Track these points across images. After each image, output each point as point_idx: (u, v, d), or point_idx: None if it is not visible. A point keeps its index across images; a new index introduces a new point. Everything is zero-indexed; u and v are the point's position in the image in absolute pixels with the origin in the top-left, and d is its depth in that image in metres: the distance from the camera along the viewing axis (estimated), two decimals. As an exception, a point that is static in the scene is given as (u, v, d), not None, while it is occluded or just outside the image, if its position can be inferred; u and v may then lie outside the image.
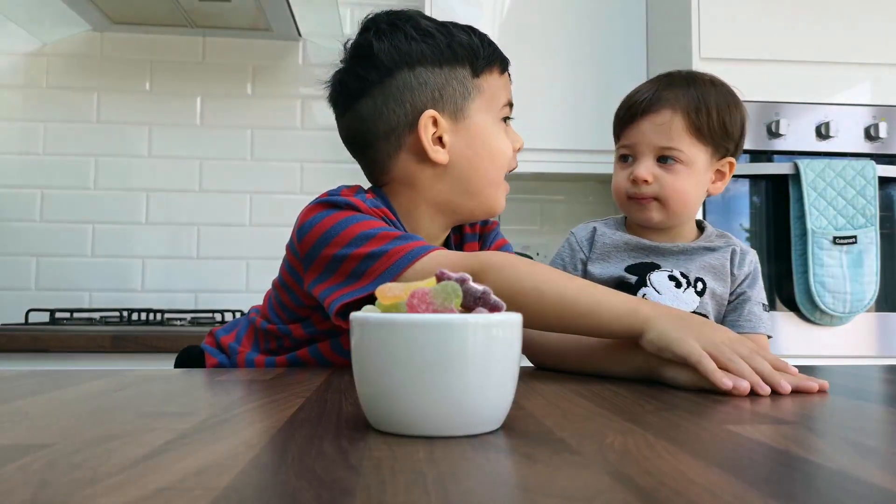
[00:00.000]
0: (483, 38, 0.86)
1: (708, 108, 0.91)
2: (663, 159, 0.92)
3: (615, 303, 0.69)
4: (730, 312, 0.97)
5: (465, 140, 0.84)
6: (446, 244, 0.93)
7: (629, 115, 0.94)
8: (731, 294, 0.97)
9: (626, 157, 0.96)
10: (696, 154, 0.92)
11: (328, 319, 0.76)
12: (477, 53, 0.84)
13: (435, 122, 0.83)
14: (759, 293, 0.97)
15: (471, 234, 0.96)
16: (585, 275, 0.96)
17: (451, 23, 0.87)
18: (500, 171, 0.87)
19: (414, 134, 0.83)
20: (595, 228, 1.00)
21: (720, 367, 0.60)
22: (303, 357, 0.84)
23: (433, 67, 0.83)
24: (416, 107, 0.83)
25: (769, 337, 0.96)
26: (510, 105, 0.88)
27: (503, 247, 0.98)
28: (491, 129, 0.86)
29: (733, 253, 0.96)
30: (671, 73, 0.97)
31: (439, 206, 0.86)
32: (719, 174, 0.96)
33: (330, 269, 0.76)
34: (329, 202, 0.79)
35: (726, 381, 0.58)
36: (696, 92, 0.92)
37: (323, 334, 0.83)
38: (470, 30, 0.87)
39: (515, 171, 0.91)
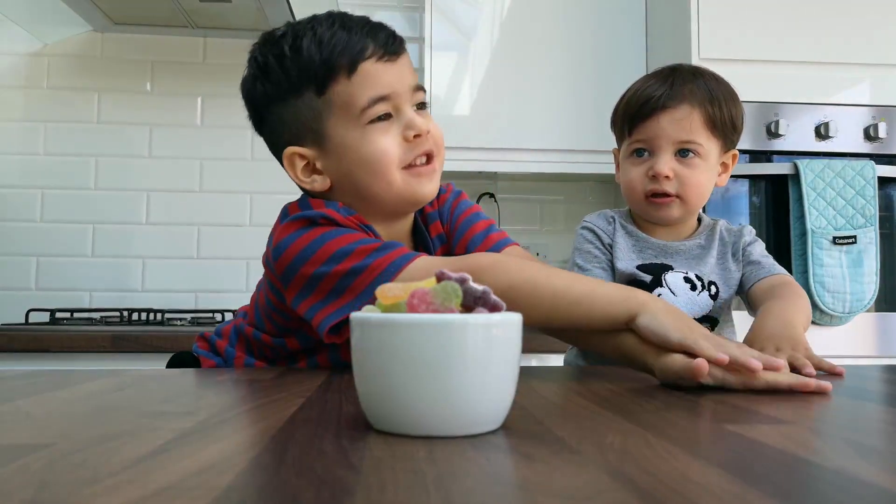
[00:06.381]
0: (322, 45, 0.77)
1: (720, 101, 0.93)
2: (683, 153, 0.93)
3: (609, 289, 0.71)
4: (751, 279, 0.97)
5: (335, 159, 0.80)
6: (415, 226, 0.90)
7: (645, 110, 0.94)
8: (744, 266, 0.98)
9: (640, 152, 0.95)
10: (711, 147, 0.94)
11: None
12: (314, 71, 0.77)
13: (301, 156, 0.81)
14: (762, 248, 1.00)
15: (430, 211, 0.92)
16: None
17: (313, 25, 0.79)
18: (385, 172, 0.79)
19: None
20: (614, 217, 1.00)
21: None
22: (302, 367, 0.84)
23: (280, 103, 0.80)
24: (282, 146, 0.82)
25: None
26: (383, 99, 0.78)
27: (473, 213, 0.93)
28: (356, 141, 0.79)
29: (735, 244, 0.98)
30: (674, 67, 0.97)
31: (366, 211, 0.82)
32: (723, 166, 0.99)
33: (310, 286, 0.74)
34: (303, 218, 0.76)
35: (721, 354, 0.59)
36: (707, 86, 0.94)
37: (319, 344, 0.81)
38: (314, 36, 0.78)
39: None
